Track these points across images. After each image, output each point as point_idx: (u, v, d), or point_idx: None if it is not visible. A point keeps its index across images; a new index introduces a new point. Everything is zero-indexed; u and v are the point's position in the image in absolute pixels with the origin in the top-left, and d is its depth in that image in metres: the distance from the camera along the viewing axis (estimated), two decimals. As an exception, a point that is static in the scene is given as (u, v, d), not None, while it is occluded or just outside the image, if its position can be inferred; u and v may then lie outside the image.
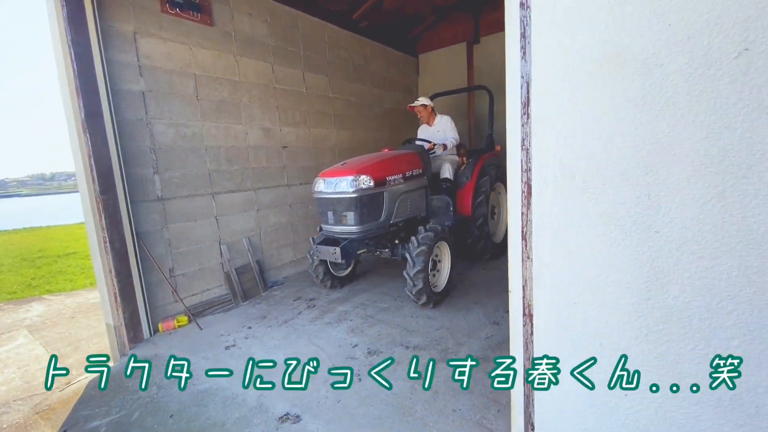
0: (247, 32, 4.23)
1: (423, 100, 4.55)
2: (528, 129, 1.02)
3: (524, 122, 1.05)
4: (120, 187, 3.11)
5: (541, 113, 0.99)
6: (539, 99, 0.98)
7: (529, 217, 1.05)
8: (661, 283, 0.87)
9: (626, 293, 0.92)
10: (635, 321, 0.91)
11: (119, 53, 3.17)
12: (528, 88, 1.00)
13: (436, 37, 7.19)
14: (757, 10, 0.71)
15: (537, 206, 1.02)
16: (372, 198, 3.36)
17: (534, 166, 1.01)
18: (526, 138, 1.04)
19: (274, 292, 4.30)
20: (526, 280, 1.12)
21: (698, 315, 0.84)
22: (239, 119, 4.19)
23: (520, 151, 1.07)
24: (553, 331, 1.06)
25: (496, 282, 4.03)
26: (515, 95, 1.07)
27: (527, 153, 1.04)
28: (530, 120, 1.01)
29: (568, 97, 0.93)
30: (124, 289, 3.14)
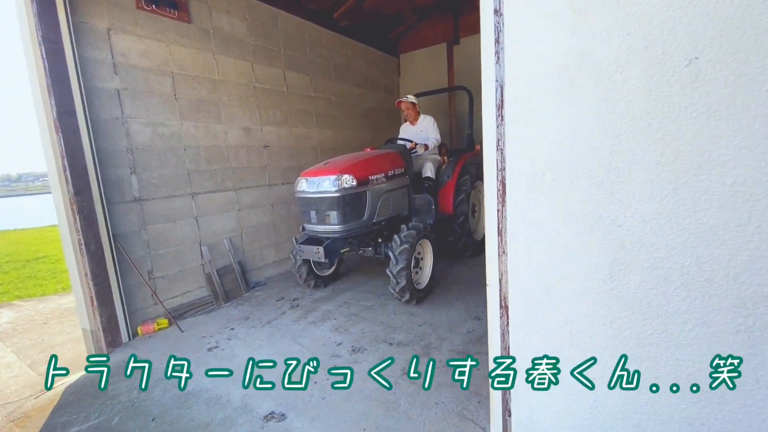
0: (225, 30, 4.18)
1: (411, 98, 4.61)
2: (502, 130, 1.07)
3: (499, 124, 1.10)
4: (95, 188, 3.03)
5: (514, 116, 1.04)
6: (512, 102, 1.03)
7: (504, 214, 1.11)
8: (624, 274, 0.94)
9: (592, 284, 0.98)
10: (601, 309, 0.98)
11: (93, 50, 3.09)
12: (502, 92, 1.05)
13: (417, 37, 7.26)
14: (705, 22, 0.77)
15: (511, 203, 1.07)
16: (355, 197, 3.38)
17: (508, 165, 1.07)
18: (501, 139, 1.09)
19: (257, 292, 4.27)
20: (502, 274, 1.17)
21: (656, 302, 0.91)
22: (219, 118, 4.14)
23: (495, 151, 1.13)
24: (527, 321, 1.12)
25: (476, 278, 4.13)
26: (490, 98, 1.13)
27: (501, 153, 1.10)
28: (504, 122, 1.06)
29: (538, 100, 0.99)
30: (100, 293, 3.06)
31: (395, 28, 6.99)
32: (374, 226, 3.64)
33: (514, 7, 0.99)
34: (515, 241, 1.09)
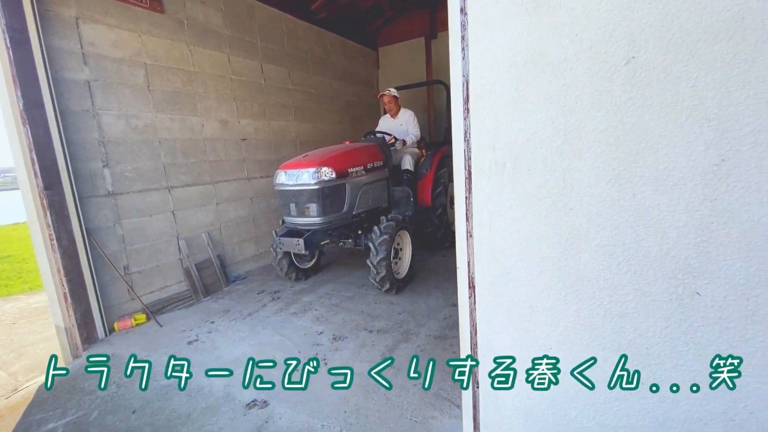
0: (200, 21, 4.10)
1: (394, 91, 4.67)
2: (468, 122, 1.15)
3: (465, 116, 1.18)
4: (66, 182, 2.96)
5: (478, 108, 1.12)
6: (476, 96, 1.11)
7: (471, 201, 1.19)
8: (575, 252, 1.04)
9: (548, 262, 1.08)
10: (556, 285, 1.08)
11: (60, 40, 3.00)
12: (467, 86, 1.13)
13: (396, 31, 7.29)
14: (640, 26, 0.87)
15: (477, 191, 1.16)
16: (334, 189, 3.41)
17: (473, 155, 1.15)
18: (467, 131, 1.17)
19: (237, 286, 4.27)
20: (470, 256, 1.26)
21: (604, 277, 1.01)
22: (195, 111, 4.08)
23: (463, 142, 1.21)
24: (492, 298, 1.21)
25: (454, 268, 4.23)
26: (458, 92, 1.20)
27: (468, 144, 1.18)
28: (470, 114, 1.14)
29: (499, 94, 1.07)
30: (74, 289, 3.01)
31: (373, 21, 7.00)
32: (354, 218, 3.69)
33: (477, 7, 1.07)
34: (480, 225, 1.18)
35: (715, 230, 0.87)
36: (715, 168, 0.84)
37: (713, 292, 0.89)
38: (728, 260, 0.87)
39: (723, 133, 0.82)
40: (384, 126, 4.88)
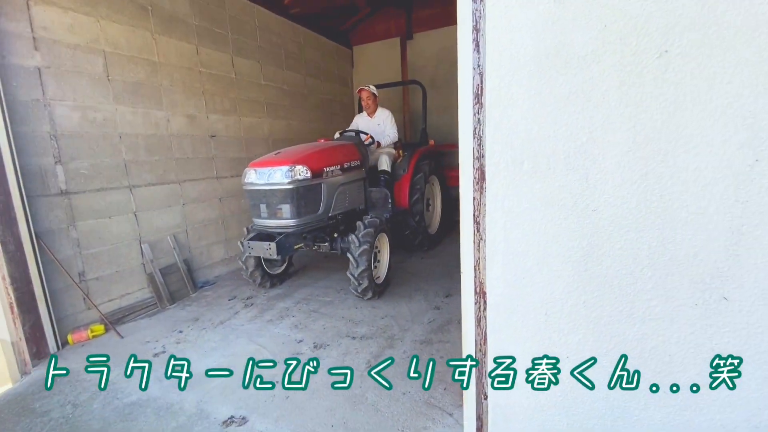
0: (166, 8, 3.83)
1: (373, 88, 4.55)
2: (482, 117, 1.08)
3: (476, 111, 1.11)
4: (12, 179, 2.63)
5: (493, 103, 1.05)
6: (492, 89, 1.04)
7: (482, 201, 1.12)
8: (597, 255, 0.99)
9: (568, 266, 1.03)
10: (575, 290, 1.03)
11: (8, 22, 2.67)
12: (482, 79, 1.06)
13: (371, 30, 7.20)
14: (674, 18, 0.83)
15: (490, 191, 1.09)
16: (309, 189, 3.23)
17: (487, 153, 1.08)
18: (479, 127, 1.10)
19: (206, 292, 4.01)
20: (479, 260, 1.19)
21: (627, 281, 0.98)
22: (160, 104, 3.80)
23: (473, 139, 1.13)
24: (504, 305, 1.14)
25: (433, 270, 4.21)
26: (467, 86, 1.13)
27: (480, 141, 1.11)
28: (483, 109, 1.07)
29: (518, 88, 1.00)
30: (22, 299, 2.69)
31: (348, 19, 6.87)
32: (330, 220, 3.51)
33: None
34: (493, 227, 1.11)
35: (746, 233, 0.84)
36: (749, 168, 0.82)
37: (742, 296, 0.87)
38: (759, 264, 0.85)
39: (758, 132, 0.80)
40: (360, 124, 4.74)
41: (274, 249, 3.10)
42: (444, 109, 6.74)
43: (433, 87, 6.79)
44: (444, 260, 4.53)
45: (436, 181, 5.29)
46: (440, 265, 4.36)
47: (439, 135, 6.67)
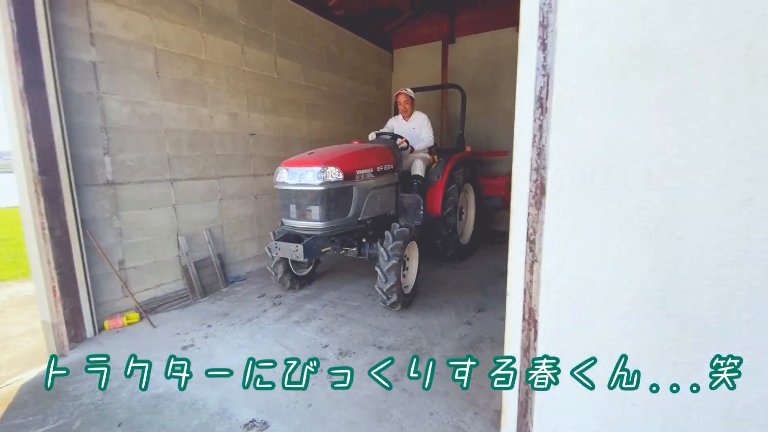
0: (216, 8, 3.93)
1: (411, 91, 4.45)
2: (544, 124, 0.96)
3: (537, 118, 0.99)
4: (63, 168, 2.76)
5: (561, 108, 0.93)
6: (560, 93, 0.92)
7: (539, 218, 1.00)
8: (680, 291, 0.85)
9: (642, 301, 0.89)
10: (650, 329, 0.89)
11: (68, 17, 2.81)
12: (547, 81, 0.94)
13: (412, 34, 7.14)
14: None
15: (551, 207, 0.96)
16: (340, 192, 3.12)
17: (550, 164, 0.95)
18: (540, 135, 0.98)
19: (236, 288, 4.06)
20: (530, 284, 1.06)
21: (716, 325, 0.83)
22: (204, 102, 3.90)
23: (531, 148, 1.01)
24: (560, 337, 1.01)
25: (464, 281, 4.05)
26: (528, 89, 1.01)
27: (540, 151, 0.99)
28: (547, 115, 0.95)
29: (593, 91, 0.88)
30: (64, 283, 2.80)
31: (391, 22, 6.84)
32: (359, 224, 3.38)
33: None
34: (552, 249, 0.98)
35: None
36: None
37: None
38: None
39: None
40: (395, 127, 4.64)
41: (301, 251, 3.03)
42: (483, 116, 6.55)
43: (473, 92, 6.62)
44: (476, 272, 4.36)
45: (470, 189, 5.10)
46: (472, 276, 4.19)
47: (476, 142, 6.49)
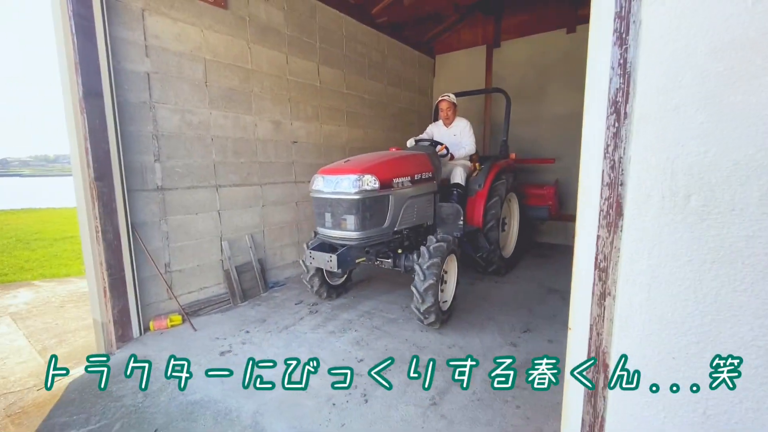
0: (262, 19, 4.02)
1: (453, 97, 4.30)
2: (621, 132, 0.80)
3: (612, 124, 0.83)
4: (117, 174, 2.90)
5: (646, 113, 0.77)
6: (644, 95, 0.76)
7: (615, 244, 0.83)
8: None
9: (752, 354, 0.70)
10: (759, 388, 0.70)
11: (125, 30, 2.97)
12: (626, 81, 0.79)
13: (455, 39, 6.98)
14: None
15: (630, 231, 0.80)
16: (376, 201, 3.02)
17: (629, 180, 0.79)
18: (615, 144, 0.82)
19: (275, 293, 4.08)
20: (599, 320, 0.90)
21: None
22: (249, 110, 3.99)
23: (602, 159, 0.86)
24: (638, 393, 0.83)
25: (509, 298, 3.80)
26: (599, 91, 0.86)
27: (613, 163, 0.83)
28: (627, 121, 0.79)
29: (687, 91, 0.71)
30: (114, 284, 2.93)
31: (433, 28, 6.73)
32: (395, 234, 3.27)
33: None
34: (631, 282, 0.82)
35: None
36: None
37: None
38: None
39: None
40: (435, 134, 4.48)
41: (335, 262, 2.92)
42: (529, 122, 6.24)
43: (519, 98, 6.34)
44: (522, 287, 4.09)
45: (514, 198, 4.81)
46: (518, 293, 3.93)
47: (522, 149, 6.19)
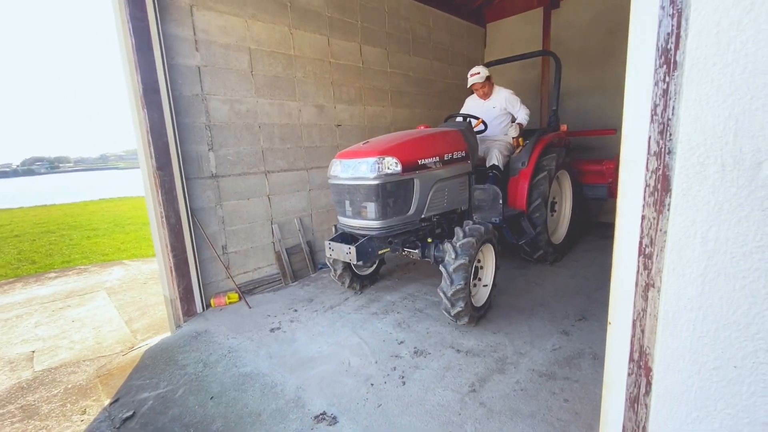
0: (302, 2, 4.02)
1: (483, 72, 3.84)
2: (671, 88, 0.65)
3: (662, 78, 0.68)
4: (176, 164, 3.13)
5: (701, 62, 0.61)
6: (698, 39, 0.60)
7: (660, 225, 0.69)
8: None
9: None
10: None
11: (176, 27, 3.13)
12: (677, 24, 0.63)
13: (508, 4, 6.46)
14: None
15: (679, 210, 0.66)
16: (399, 186, 2.73)
17: (681, 145, 0.65)
18: (665, 104, 0.67)
19: (323, 274, 4.21)
20: (642, 314, 0.76)
21: None
22: (293, 96, 4.06)
23: (649, 124, 0.71)
24: (685, 398, 0.70)
25: (564, 283, 3.54)
26: (646, 39, 0.70)
27: (664, 126, 0.68)
28: (677, 73, 0.64)
29: (760, 28, 0.55)
30: (178, 264, 3.20)
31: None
32: (423, 222, 2.99)
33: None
34: (680, 271, 0.68)
35: None
36: None
37: None
38: None
39: None
40: (471, 108, 4.13)
41: (354, 253, 2.68)
42: (593, 90, 5.63)
43: (582, 63, 5.74)
44: (579, 272, 3.79)
45: (566, 176, 4.23)
46: (574, 277, 3.65)
47: (584, 121, 5.63)
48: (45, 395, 2.49)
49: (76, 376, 2.72)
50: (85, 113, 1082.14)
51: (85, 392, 2.49)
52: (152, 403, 2.28)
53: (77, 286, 4.96)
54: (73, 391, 2.52)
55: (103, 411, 2.26)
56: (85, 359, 2.97)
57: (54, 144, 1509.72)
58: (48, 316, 3.94)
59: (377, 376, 2.29)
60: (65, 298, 4.46)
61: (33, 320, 3.84)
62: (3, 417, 2.29)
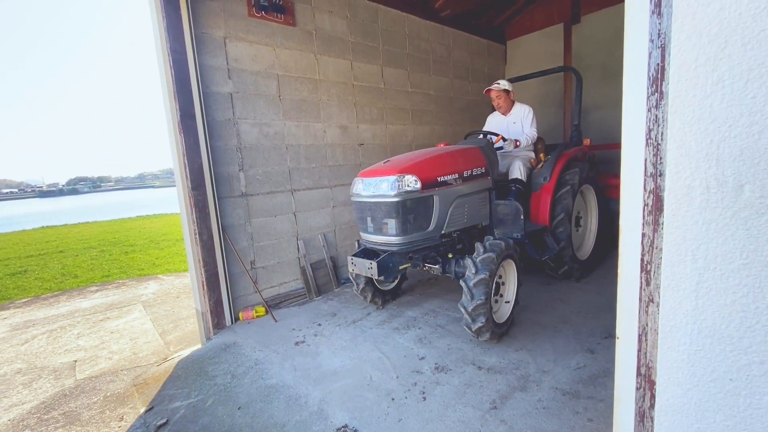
0: (327, 30, 4.25)
1: (504, 83, 3.95)
2: (661, 114, 0.70)
3: (653, 104, 0.73)
4: (209, 184, 3.33)
5: (685, 90, 0.66)
6: (682, 68, 0.66)
7: (656, 243, 0.73)
8: None
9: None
10: None
11: (211, 58, 3.39)
12: (662, 55, 0.68)
13: (528, 21, 6.53)
14: None
15: (671, 228, 0.70)
16: (419, 202, 2.82)
17: (668, 169, 0.69)
18: (656, 127, 0.72)
19: (346, 289, 4.30)
20: (645, 329, 0.79)
21: None
22: (318, 118, 4.25)
23: (645, 147, 0.75)
24: (686, 410, 0.72)
25: (589, 300, 3.46)
26: (639, 67, 0.76)
27: (656, 150, 0.72)
28: (666, 101, 0.69)
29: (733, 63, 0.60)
30: (210, 278, 3.37)
31: (503, 12, 6.39)
32: (443, 238, 3.04)
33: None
34: (675, 287, 0.71)
35: None
36: None
37: None
38: None
39: None
40: (492, 124, 4.18)
41: (376, 268, 2.77)
42: (616, 103, 5.51)
43: (603, 77, 5.70)
44: (607, 288, 3.69)
45: (591, 191, 4.17)
46: (601, 294, 3.56)
47: (608, 134, 5.55)
48: (86, 402, 2.66)
49: (114, 384, 2.89)
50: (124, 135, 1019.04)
51: (123, 400, 2.64)
52: (184, 412, 2.39)
53: (116, 299, 5.27)
54: (111, 398, 2.68)
55: (139, 418, 2.39)
56: (122, 369, 3.16)
57: (96, 164, 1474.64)
58: (89, 327, 4.20)
59: (398, 391, 2.32)
60: (105, 311, 4.75)
61: (75, 331, 4.10)
62: (47, 422, 2.47)
